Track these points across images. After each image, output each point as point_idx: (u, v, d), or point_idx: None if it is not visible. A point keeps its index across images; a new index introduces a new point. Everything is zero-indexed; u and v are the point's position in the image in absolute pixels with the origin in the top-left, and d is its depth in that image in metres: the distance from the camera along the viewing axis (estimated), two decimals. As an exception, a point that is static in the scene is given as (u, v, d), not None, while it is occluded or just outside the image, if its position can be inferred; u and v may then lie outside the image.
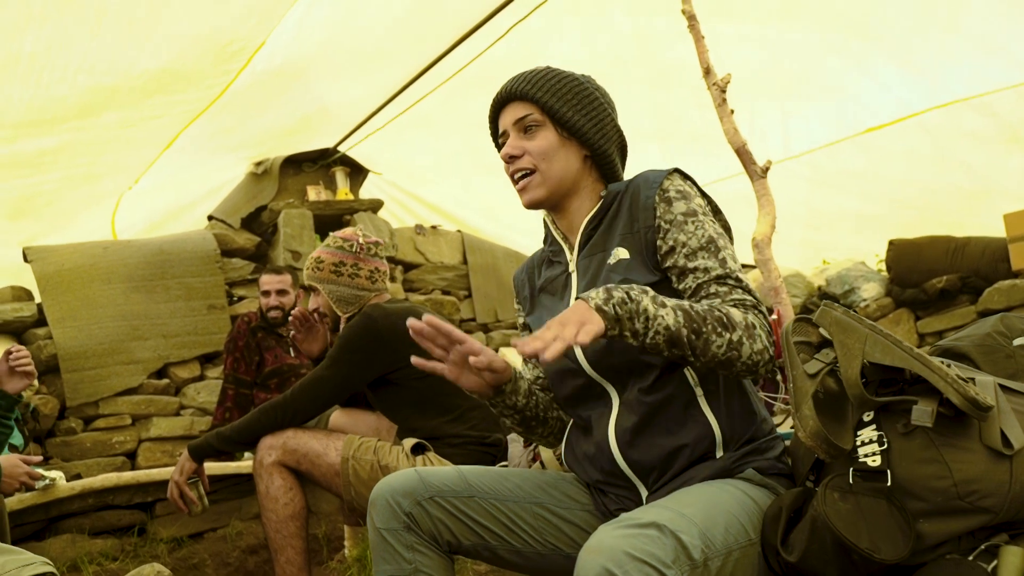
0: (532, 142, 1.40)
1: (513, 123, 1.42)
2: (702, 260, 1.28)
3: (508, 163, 1.42)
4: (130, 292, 4.36)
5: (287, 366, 3.88)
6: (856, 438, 1.11)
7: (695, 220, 1.31)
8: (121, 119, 3.56)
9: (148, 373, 4.30)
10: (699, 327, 1.18)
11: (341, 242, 2.40)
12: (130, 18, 2.85)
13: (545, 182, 1.41)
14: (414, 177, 5.36)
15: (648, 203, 1.33)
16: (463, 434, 2.17)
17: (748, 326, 1.22)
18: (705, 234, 1.30)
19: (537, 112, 1.40)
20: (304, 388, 2.18)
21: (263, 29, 3.20)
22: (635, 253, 1.34)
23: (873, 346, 1.12)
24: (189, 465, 2.17)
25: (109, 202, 4.56)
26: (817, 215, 5.00)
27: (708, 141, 4.17)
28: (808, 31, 3.58)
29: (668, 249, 1.31)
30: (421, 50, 3.80)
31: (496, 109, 1.46)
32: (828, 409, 1.14)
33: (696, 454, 1.27)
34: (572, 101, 1.41)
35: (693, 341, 1.18)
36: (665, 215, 1.32)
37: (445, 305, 5.26)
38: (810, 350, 1.23)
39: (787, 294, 2.44)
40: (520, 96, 1.41)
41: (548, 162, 1.40)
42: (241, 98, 3.73)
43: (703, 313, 1.20)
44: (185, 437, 4.30)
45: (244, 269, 4.80)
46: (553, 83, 1.41)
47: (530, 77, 1.42)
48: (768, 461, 1.29)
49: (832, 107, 4.14)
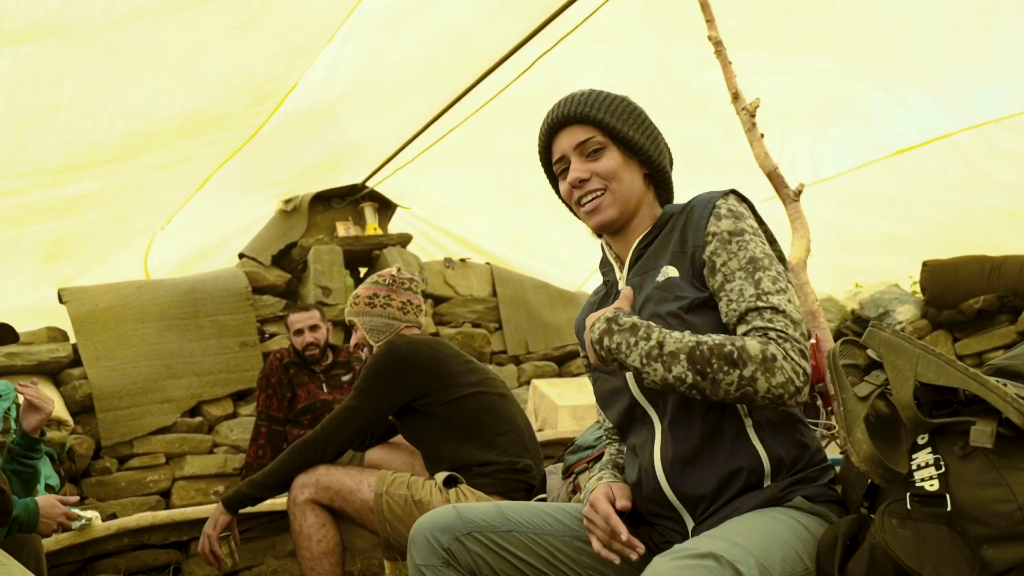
0: (599, 163, 1.39)
1: (574, 147, 1.40)
2: (738, 282, 1.26)
3: (576, 187, 1.40)
4: (163, 331, 4.41)
5: (320, 402, 3.89)
6: (911, 462, 1.08)
7: (740, 240, 1.29)
8: (156, 162, 3.64)
9: (181, 411, 4.33)
10: (703, 368, 1.18)
11: (377, 278, 2.49)
12: (165, 63, 2.94)
13: (616, 201, 1.39)
14: (442, 211, 5.40)
15: (701, 222, 1.33)
16: (492, 461, 2.16)
17: (765, 359, 1.17)
18: (747, 254, 1.28)
19: (599, 134, 1.39)
20: (333, 421, 2.19)
21: (296, 71, 3.27)
22: (684, 271, 1.33)
23: (926, 366, 1.09)
24: (224, 518, 2.16)
25: (142, 242, 4.65)
26: (848, 238, 4.95)
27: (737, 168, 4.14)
28: (835, 59, 3.58)
29: (710, 267, 1.30)
30: (447, 85, 3.85)
31: (550, 135, 1.44)
32: (881, 433, 1.11)
33: (745, 484, 1.25)
34: (629, 120, 1.41)
35: (699, 383, 1.18)
36: (711, 231, 1.31)
37: (476, 338, 5.24)
38: (859, 372, 1.20)
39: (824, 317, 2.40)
40: (579, 119, 1.39)
41: (618, 182, 1.39)
42: (272, 138, 3.81)
43: (710, 351, 1.19)
44: (219, 475, 4.31)
45: (275, 306, 4.84)
46: (608, 104, 1.40)
47: (585, 99, 1.41)
48: (817, 488, 1.27)
49: (860, 131, 4.13)
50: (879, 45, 3.47)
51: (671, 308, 1.29)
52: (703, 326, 1.27)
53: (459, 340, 5.08)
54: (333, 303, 4.78)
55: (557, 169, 1.45)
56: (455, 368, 2.27)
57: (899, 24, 3.35)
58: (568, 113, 1.40)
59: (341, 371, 4.05)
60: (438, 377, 2.22)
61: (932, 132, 4.00)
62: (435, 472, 2.20)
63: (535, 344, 5.47)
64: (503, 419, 2.24)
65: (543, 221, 5.19)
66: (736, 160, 3.97)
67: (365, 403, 2.19)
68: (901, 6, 3.28)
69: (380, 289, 2.45)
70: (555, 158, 1.44)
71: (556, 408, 4.22)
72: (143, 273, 4.92)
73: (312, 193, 5.05)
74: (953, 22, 3.30)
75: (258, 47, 3.04)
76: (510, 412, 2.28)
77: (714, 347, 1.18)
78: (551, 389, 4.45)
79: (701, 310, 1.29)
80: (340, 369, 4.05)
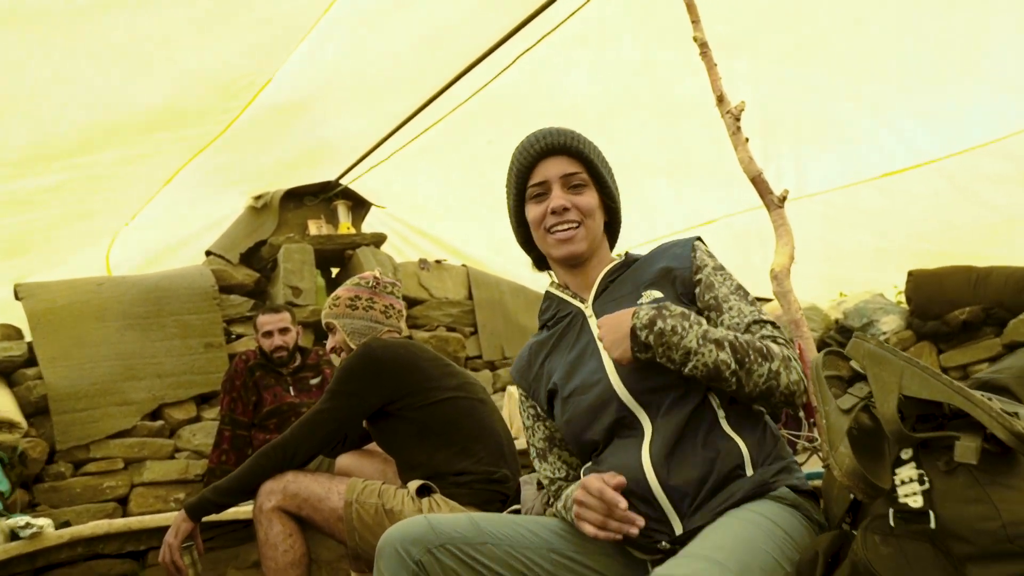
0: (580, 198, 1.51)
1: (560, 176, 1.51)
2: (735, 301, 1.44)
3: (556, 214, 1.50)
4: (124, 330, 4.34)
5: (287, 405, 3.85)
6: (895, 477, 1.08)
7: (723, 272, 1.50)
8: (121, 156, 3.58)
9: (142, 415, 4.26)
10: (742, 357, 1.31)
11: (359, 280, 2.51)
12: (134, 54, 2.88)
13: (587, 237, 1.52)
14: (418, 211, 5.38)
15: (684, 254, 1.51)
16: (468, 470, 2.16)
17: (785, 358, 1.35)
18: (733, 283, 1.48)
19: (585, 172, 1.52)
20: (303, 425, 2.17)
21: (270, 65, 3.23)
22: (669, 292, 1.47)
23: (910, 379, 1.10)
24: (186, 526, 2.11)
25: (104, 238, 4.57)
26: (833, 249, 4.99)
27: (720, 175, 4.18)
28: (825, 73, 3.60)
29: (706, 286, 1.47)
30: (425, 81, 3.84)
31: (539, 158, 1.52)
32: (864, 447, 1.12)
33: (726, 469, 1.30)
34: (605, 168, 1.56)
35: (738, 372, 1.31)
36: (700, 263, 1.50)
37: (450, 342, 5.22)
38: (842, 384, 1.22)
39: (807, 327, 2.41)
40: (573, 153, 1.51)
41: (592, 220, 1.52)
42: (243, 133, 3.76)
43: (747, 344, 1.33)
44: (180, 482, 4.25)
45: (243, 306, 4.79)
46: (593, 147, 1.55)
47: (577, 137, 1.53)
48: (800, 479, 1.35)
49: (847, 152, 4.16)
50: (868, 58, 3.49)
51: None
52: None
53: (433, 344, 5.06)
54: (303, 304, 4.74)
55: (532, 192, 1.52)
56: (433, 371, 2.26)
57: (889, 36, 3.37)
58: (563, 144, 1.51)
59: (309, 374, 4.01)
60: (415, 380, 2.22)
61: (920, 157, 4.04)
62: (408, 480, 2.19)
63: (512, 349, 5.46)
64: (481, 426, 2.25)
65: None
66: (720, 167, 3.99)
67: (337, 406, 2.18)
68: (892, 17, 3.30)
69: (362, 291, 2.46)
70: (535, 181, 1.52)
71: (532, 416, 4.21)
72: (105, 270, 4.85)
73: (283, 190, 5.00)
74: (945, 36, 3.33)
75: (232, 40, 3.00)
76: (489, 419, 2.28)
77: (748, 341, 1.34)
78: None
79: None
80: (308, 372, 4.02)
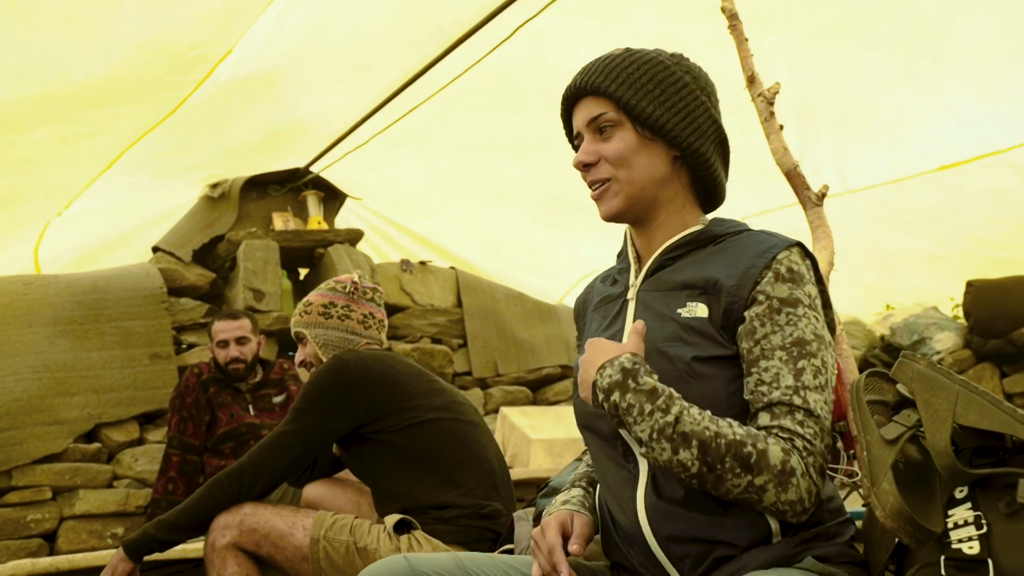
0: (608, 145, 1.40)
1: (586, 124, 1.42)
2: (776, 362, 1.27)
3: (583, 172, 1.44)
4: (55, 337, 4.34)
5: (245, 426, 3.85)
6: (947, 519, 1.09)
7: (791, 313, 1.30)
8: (54, 134, 3.58)
9: (75, 436, 4.25)
10: (714, 463, 1.21)
11: (334, 284, 2.50)
12: (72, 19, 2.88)
13: (622, 191, 1.40)
14: (401, 204, 5.38)
15: (752, 272, 1.32)
16: (454, 503, 2.16)
17: (783, 472, 1.20)
18: (795, 333, 1.28)
19: (612, 110, 1.40)
20: (264, 450, 2.17)
21: (230, 35, 3.24)
22: (714, 315, 1.33)
23: (966, 406, 1.10)
24: (124, 566, 2.11)
25: (33, 230, 4.57)
26: (879, 255, 5.00)
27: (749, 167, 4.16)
28: (871, 51, 3.60)
29: (748, 331, 1.30)
30: (411, 55, 3.85)
31: (567, 107, 1.47)
32: (911, 483, 1.12)
33: (747, 540, 1.25)
34: (655, 92, 1.39)
35: (702, 474, 1.21)
36: (764, 290, 1.31)
37: (435, 356, 5.23)
38: (887, 411, 1.22)
39: (847, 344, 2.42)
40: (591, 90, 1.41)
41: (627, 168, 1.40)
42: (199, 111, 3.77)
43: (727, 446, 1.21)
44: (119, 515, 4.23)
45: (195, 311, 4.78)
46: (631, 71, 1.40)
47: (603, 66, 1.42)
48: (835, 547, 1.27)
49: (899, 140, 4.15)
50: (923, 33, 3.48)
51: (685, 354, 1.30)
52: (712, 379, 1.30)
53: (416, 357, 5.07)
54: (266, 309, 4.74)
55: (576, 144, 1.47)
56: (415, 388, 2.27)
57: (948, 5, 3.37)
58: (581, 83, 1.43)
59: (272, 391, 4.01)
60: (394, 398, 2.22)
61: (983, 147, 4.01)
62: (385, 514, 2.19)
63: (506, 365, 5.46)
64: (471, 452, 2.24)
65: (521, 221, 5.19)
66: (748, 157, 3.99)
67: (304, 428, 2.17)
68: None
69: (339, 297, 2.45)
70: (575, 134, 1.47)
71: (528, 442, 4.22)
72: (33, 267, 4.84)
73: (245, 177, 5.01)
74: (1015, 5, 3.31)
75: (186, 4, 3.01)
76: (480, 444, 2.28)
77: (733, 443, 1.21)
78: (523, 419, 4.44)
79: (716, 363, 1.31)
80: (271, 388, 4.02)
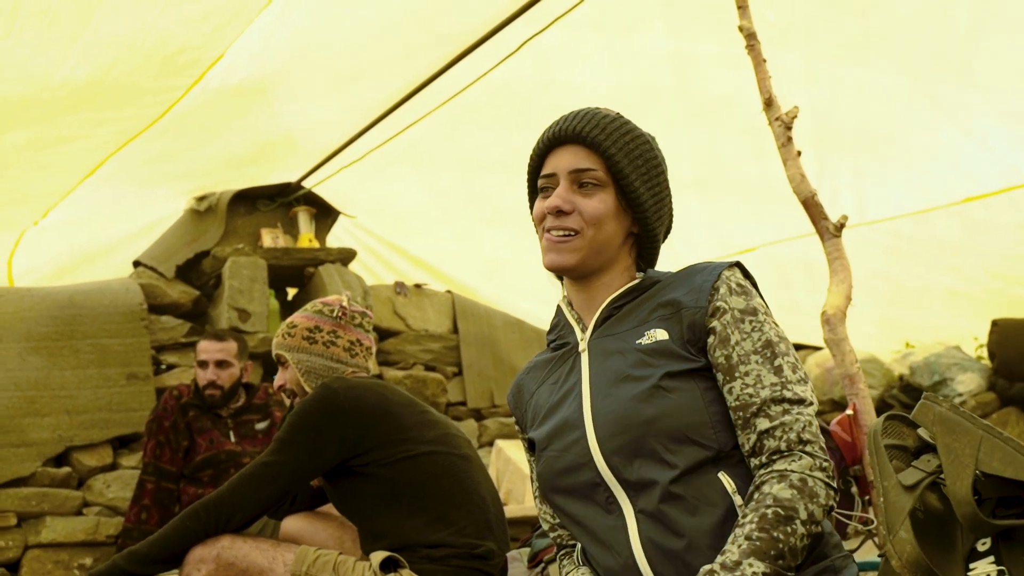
0: (588, 201, 1.45)
1: (570, 171, 1.46)
2: (755, 366, 1.36)
3: (551, 215, 1.46)
4: (26, 354, 4.33)
5: (225, 453, 3.83)
6: (968, 572, 1.08)
7: (754, 320, 1.39)
8: (31, 139, 3.59)
9: (44, 459, 4.23)
10: (777, 552, 1.23)
11: (321, 306, 2.49)
12: (52, 16, 2.90)
13: (583, 249, 1.46)
14: (396, 223, 5.40)
15: (704, 286, 1.41)
16: (446, 542, 2.16)
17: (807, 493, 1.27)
18: (762, 337, 1.38)
19: (603, 170, 1.45)
20: (245, 480, 2.17)
21: (222, 39, 3.25)
22: (676, 336, 1.40)
23: (989, 453, 1.11)
24: None
25: (6, 239, 4.57)
26: (899, 290, 5.01)
27: (763, 194, 4.20)
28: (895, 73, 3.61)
29: (720, 339, 1.39)
30: (410, 68, 3.87)
31: (550, 145, 1.49)
32: (930, 533, 1.13)
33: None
34: (642, 168, 1.47)
35: (782, 565, 1.23)
36: (719, 304, 1.40)
37: (428, 384, 5.21)
38: (906, 456, 1.23)
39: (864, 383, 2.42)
40: (589, 143, 1.45)
41: (597, 229, 1.45)
42: (186, 119, 3.78)
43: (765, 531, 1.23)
44: (87, 544, 4.20)
45: (177, 330, 4.78)
46: (627, 140, 1.47)
47: (601, 122, 1.46)
48: None
49: (920, 170, 4.16)
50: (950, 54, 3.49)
51: (655, 372, 1.37)
52: (687, 390, 1.36)
53: (408, 385, 5.05)
54: (252, 330, 4.73)
55: (541, 184, 1.51)
56: (406, 419, 2.27)
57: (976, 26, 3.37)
58: (578, 131, 1.46)
59: (255, 416, 3.99)
60: (383, 430, 2.22)
61: (1014, 178, 4.00)
62: (371, 551, 2.18)
63: (502, 395, 5.45)
64: (464, 488, 2.24)
65: (522, 245, 5.18)
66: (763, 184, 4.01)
67: (287, 459, 2.18)
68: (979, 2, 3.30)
69: (325, 322, 2.45)
70: (545, 171, 1.50)
71: (524, 477, 4.20)
72: (5, 279, 4.84)
73: (233, 191, 5.02)
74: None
75: (177, 5, 3.03)
76: (473, 480, 2.28)
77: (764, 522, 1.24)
78: (519, 453, 4.42)
79: (687, 377, 1.38)
80: (254, 414, 4.00)
